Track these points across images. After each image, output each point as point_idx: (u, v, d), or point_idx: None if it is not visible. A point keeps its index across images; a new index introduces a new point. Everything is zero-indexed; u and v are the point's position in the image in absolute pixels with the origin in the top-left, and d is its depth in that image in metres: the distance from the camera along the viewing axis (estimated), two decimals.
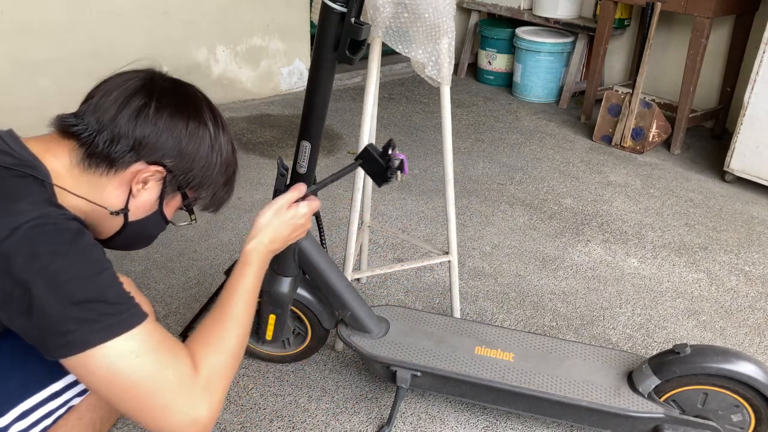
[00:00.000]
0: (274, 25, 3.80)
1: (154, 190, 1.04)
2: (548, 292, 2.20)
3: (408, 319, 1.67)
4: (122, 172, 0.99)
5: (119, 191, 1.01)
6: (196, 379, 0.94)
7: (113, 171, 0.99)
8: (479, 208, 2.74)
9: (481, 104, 4.06)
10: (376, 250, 2.38)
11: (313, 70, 1.29)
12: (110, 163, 0.98)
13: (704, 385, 1.43)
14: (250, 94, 3.86)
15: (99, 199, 1.01)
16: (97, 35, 3.19)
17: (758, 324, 2.09)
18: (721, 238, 2.60)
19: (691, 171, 3.24)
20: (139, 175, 1.00)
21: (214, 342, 1.01)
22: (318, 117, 1.36)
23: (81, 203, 0.99)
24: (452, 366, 1.52)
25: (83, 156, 0.98)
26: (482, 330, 1.65)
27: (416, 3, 1.41)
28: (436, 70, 1.54)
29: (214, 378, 0.97)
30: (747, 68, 3.24)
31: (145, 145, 0.99)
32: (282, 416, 1.63)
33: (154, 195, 1.05)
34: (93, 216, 1.02)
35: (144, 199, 1.04)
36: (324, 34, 1.23)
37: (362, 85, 1.44)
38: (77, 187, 0.98)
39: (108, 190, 1.00)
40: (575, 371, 1.53)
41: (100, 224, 1.05)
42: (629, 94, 3.36)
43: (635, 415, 1.43)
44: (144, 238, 1.14)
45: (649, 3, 3.23)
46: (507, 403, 1.53)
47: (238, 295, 1.10)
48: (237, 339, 1.05)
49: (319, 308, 1.63)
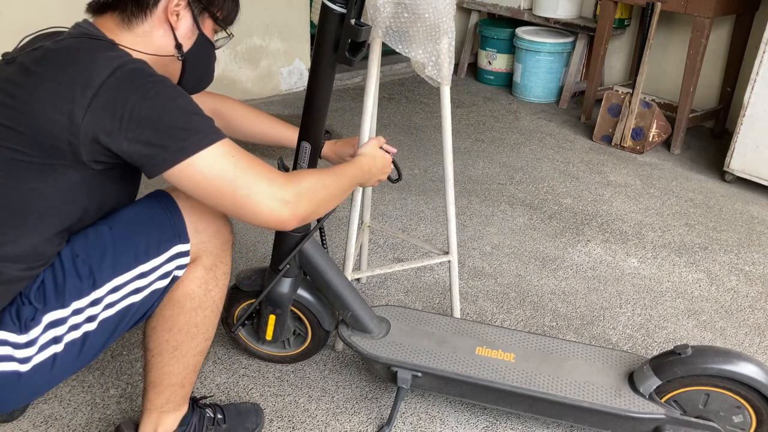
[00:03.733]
0: (274, 25, 3.80)
1: (187, 18, 1.21)
2: (548, 292, 2.20)
3: (409, 320, 1.67)
4: (156, 11, 1.17)
5: (163, 30, 1.19)
6: (287, 185, 1.13)
7: (148, 13, 1.16)
8: (479, 208, 2.74)
9: (481, 104, 4.06)
10: (376, 250, 2.38)
11: (313, 71, 1.29)
12: (141, 6, 1.15)
13: (706, 385, 1.43)
14: (250, 94, 3.86)
15: (156, 50, 1.19)
16: None
17: (758, 324, 2.09)
18: (721, 238, 2.60)
19: (691, 171, 3.24)
20: (169, 7, 1.17)
21: (309, 174, 1.21)
22: (318, 118, 1.36)
23: (146, 58, 1.16)
24: (453, 366, 1.52)
25: (122, 16, 1.16)
26: (483, 330, 1.65)
27: (416, 3, 1.41)
28: (436, 70, 1.54)
29: (305, 194, 1.16)
30: (747, 68, 3.24)
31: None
32: (282, 416, 1.63)
33: (189, 21, 1.22)
34: (158, 66, 1.18)
35: (184, 27, 1.21)
36: (324, 35, 1.23)
37: (362, 85, 1.44)
38: (135, 46, 1.16)
39: (155, 36, 1.19)
40: (576, 372, 1.53)
41: (167, 71, 1.21)
42: (629, 94, 3.36)
43: (636, 415, 1.43)
44: (204, 71, 1.32)
45: (649, 3, 3.23)
46: (508, 403, 1.53)
47: (338, 175, 1.30)
48: (329, 186, 1.24)
49: (320, 309, 1.63)
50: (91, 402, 1.64)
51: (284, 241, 1.51)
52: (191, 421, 1.42)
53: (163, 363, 1.31)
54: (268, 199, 1.10)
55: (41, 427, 1.56)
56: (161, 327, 1.27)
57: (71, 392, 1.66)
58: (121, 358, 1.78)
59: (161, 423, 1.37)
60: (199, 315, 1.28)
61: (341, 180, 1.30)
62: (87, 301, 1.13)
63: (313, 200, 1.18)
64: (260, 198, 1.09)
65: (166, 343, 1.28)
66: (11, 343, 1.08)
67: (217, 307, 1.32)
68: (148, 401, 1.36)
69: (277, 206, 1.11)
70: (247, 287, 1.62)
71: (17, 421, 1.57)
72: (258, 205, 1.10)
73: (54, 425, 1.56)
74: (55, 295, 1.11)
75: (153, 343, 1.30)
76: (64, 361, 1.14)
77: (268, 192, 1.10)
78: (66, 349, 1.13)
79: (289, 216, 1.13)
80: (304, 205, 1.15)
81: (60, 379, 1.17)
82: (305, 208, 1.15)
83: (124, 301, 1.18)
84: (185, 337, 1.29)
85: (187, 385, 1.36)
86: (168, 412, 1.37)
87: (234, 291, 1.66)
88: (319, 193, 1.20)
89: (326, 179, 1.24)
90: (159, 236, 1.19)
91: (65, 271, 1.13)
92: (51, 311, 1.11)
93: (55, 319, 1.11)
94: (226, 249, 1.30)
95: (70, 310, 1.12)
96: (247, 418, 1.55)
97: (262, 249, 2.33)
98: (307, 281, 1.62)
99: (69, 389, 1.67)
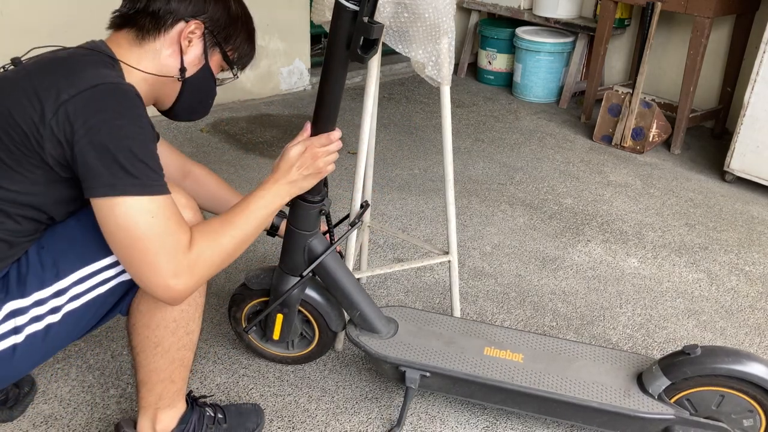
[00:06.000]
0: (274, 25, 3.80)
1: (198, 46, 1.25)
2: (548, 292, 2.20)
3: (416, 320, 1.67)
4: (170, 32, 1.22)
5: (172, 50, 1.23)
6: (185, 256, 1.11)
7: (163, 32, 1.21)
8: (479, 208, 2.73)
9: (481, 104, 4.06)
10: (376, 250, 2.38)
11: (325, 69, 1.29)
12: (157, 25, 1.20)
13: (717, 386, 1.42)
14: (249, 94, 3.86)
15: (159, 69, 1.23)
16: (97, 35, 3.17)
17: (758, 324, 2.09)
18: (721, 238, 2.60)
19: (692, 171, 3.24)
20: (184, 31, 1.22)
21: (212, 237, 1.17)
22: (330, 116, 1.35)
23: (146, 77, 1.22)
24: (461, 367, 1.52)
25: (137, 33, 1.21)
26: (491, 331, 1.65)
27: (416, 3, 1.41)
28: (436, 70, 1.54)
29: (200, 263, 1.13)
30: (747, 68, 3.24)
31: (181, 2, 1.21)
32: (282, 416, 1.63)
33: (198, 50, 1.26)
34: (157, 85, 1.25)
35: (192, 54, 1.25)
36: (336, 32, 1.22)
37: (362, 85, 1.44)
38: (140, 62, 1.21)
39: (163, 55, 1.22)
40: (585, 372, 1.52)
41: (163, 91, 1.27)
42: (629, 94, 3.36)
43: (645, 416, 1.43)
44: (200, 102, 1.35)
45: (650, 3, 3.23)
46: (516, 404, 1.52)
47: (249, 211, 1.25)
48: (232, 242, 1.20)
49: (328, 309, 1.62)
50: (91, 402, 1.64)
51: (295, 241, 1.51)
52: (191, 419, 1.42)
53: (148, 360, 1.31)
54: (161, 277, 1.08)
55: (41, 427, 1.56)
56: (140, 323, 1.27)
57: (71, 392, 1.66)
58: (121, 358, 1.78)
59: (158, 420, 1.37)
60: (175, 309, 1.27)
61: (248, 221, 1.24)
62: (49, 292, 1.14)
63: (212, 265, 1.16)
64: (155, 271, 1.08)
65: (147, 340, 1.28)
66: None
67: (194, 300, 1.30)
68: (141, 399, 1.36)
69: (170, 284, 1.10)
70: (256, 285, 1.62)
71: (17, 420, 1.57)
72: (150, 278, 1.09)
73: (54, 425, 1.56)
74: (17, 285, 1.13)
75: (135, 340, 1.30)
76: (24, 352, 1.14)
77: (165, 268, 1.08)
78: (27, 341, 1.14)
79: (178, 294, 1.12)
80: (199, 277, 1.14)
81: (21, 371, 1.18)
82: (200, 279, 1.14)
83: (91, 293, 1.18)
84: (165, 332, 1.28)
85: (177, 380, 1.36)
86: (163, 408, 1.37)
87: (243, 289, 1.66)
88: (219, 255, 1.17)
89: (232, 230, 1.20)
90: None
91: (30, 262, 1.15)
92: (11, 300, 1.12)
93: (15, 308, 1.12)
94: None
95: (31, 300, 1.13)
96: (247, 418, 1.55)
97: (262, 249, 2.33)
98: (315, 281, 1.62)
99: (69, 389, 1.67)
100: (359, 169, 1.67)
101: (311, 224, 1.49)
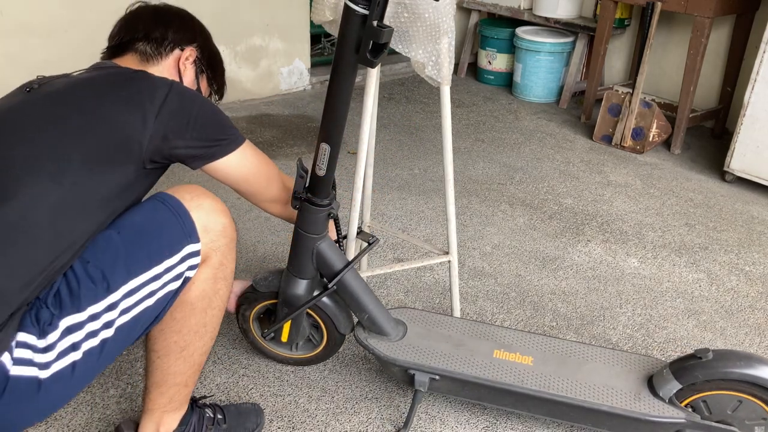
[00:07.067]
0: (274, 25, 3.80)
1: (191, 71, 1.44)
2: (548, 292, 2.20)
3: (425, 322, 1.66)
4: (168, 58, 1.40)
5: (174, 72, 1.41)
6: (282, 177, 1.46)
7: (162, 58, 1.39)
8: (479, 208, 2.73)
9: (481, 104, 4.06)
10: (376, 250, 2.38)
11: (334, 72, 1.28)
12: (158, 51, 1.38)
13: (730, 390, 1.41)
14: (249, 94, 3.85)
15: None
16: (97, 35, 3.16)
17: (758, 324, 2.09)
18: (721, 238, 2.60)
19: (692, 171, 3.23)
20: (182, 56, 1.41)
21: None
22: (338, 119, 1.36)
23: None
24: (471, 370, 1.51)
25: (141, 57, 1.37)
26: (500, 333, 1.64)
27: (416, 3, 1.41)
28: (436, 70, 1.54)
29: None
30: (747, 68, 3.24)
31: (177, 31, 1.41)
32: (282, 416, 1.63)
33: (192, 74, 1.45)
34: None
35: (189, 78, 1.44)
36: (345, 36, 1.22)
37: (362, 85, 1.44)
38: None
39: (167, 76, 1.35)
40: (595, 375, 1.52)
41: None
42: (629, 94, 3.36)
43: (656, 419, 1.42)
44: None
45: (650, 3, 3.23)
46: (526, 407, 1.52)
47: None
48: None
49: (336, 312, 1.61)
50: (91, 402, 1.64)
51: (303, 244, 1.50)
52: (191, 420, 1.42)
53: (170, 363, 1.30)
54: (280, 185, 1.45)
55: (41, 427, 1.55)
56: (170, 329, 1.27)
57: None
58: (121, 358, 1.78)
59: (163, 422, 1.37)
60: (208, 314, 1.29)
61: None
62: (103, 306, 1.12)
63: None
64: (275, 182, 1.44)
65: (175, 344, 1.28)
66: (31, 346, 1.05)
67: (223, 305, 1.34)
68: (150, 401, 1.36)
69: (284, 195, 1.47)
70: (264, 288, 1.61)
71: None
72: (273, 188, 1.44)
73: (54, 425, 1.56)
74: (70, 299, 1.10)
75: (159, 344, 1.29)
76: (82, 369, 1.11)
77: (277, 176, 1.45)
78: (84, 357, 1.11)
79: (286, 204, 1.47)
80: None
81: (77, 390, 1.14)
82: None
83: (140, 305, 1.17)
84: (194, 337, 1.29)
85: (190, 384, 1.36)
86: (170, 411, 1.37)
87: (250, 292, 1.65)
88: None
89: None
90: (170, 237, 1.20)
91: (78, 277, 1.11)
92: (67, 315, 1.09)
93: (72, 324, 1.09)
94: (231, 247, 1.31)
95: (86, 314, 1.10)
96: (247, 419, 1.55)
97: (262, 249, 2.33)
98: (324, 284, 1.61)
99: None
100: (359, 169, 1.67)
101: (320, 227, 1.49)
